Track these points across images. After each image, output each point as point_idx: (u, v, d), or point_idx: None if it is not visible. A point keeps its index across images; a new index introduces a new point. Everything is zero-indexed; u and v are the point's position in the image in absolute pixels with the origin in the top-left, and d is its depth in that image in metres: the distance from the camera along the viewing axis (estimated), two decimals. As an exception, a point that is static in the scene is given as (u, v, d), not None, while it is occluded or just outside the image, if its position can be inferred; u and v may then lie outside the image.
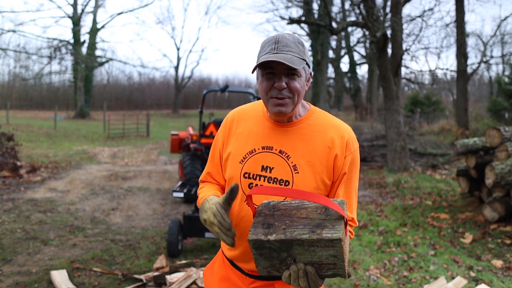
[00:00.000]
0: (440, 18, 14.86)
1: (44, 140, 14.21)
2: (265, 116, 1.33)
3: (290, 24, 9.22)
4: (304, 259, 1.03)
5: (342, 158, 1.26)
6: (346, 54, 28.04)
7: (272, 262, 1.07)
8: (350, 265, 3.81)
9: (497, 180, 4.62)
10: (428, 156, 10.56)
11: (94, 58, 28.34)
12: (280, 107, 1.21)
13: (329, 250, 1.00)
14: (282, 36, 1.21)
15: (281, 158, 1.26)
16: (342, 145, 1.26)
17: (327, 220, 1.03)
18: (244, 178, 1.28)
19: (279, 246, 1.03)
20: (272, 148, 1.28)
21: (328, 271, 1.04)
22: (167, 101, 42.61)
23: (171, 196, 6.41)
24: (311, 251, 1.01)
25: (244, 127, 1.35)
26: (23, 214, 5.24)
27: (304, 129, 1.28)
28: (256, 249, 1.06)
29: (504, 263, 3.82)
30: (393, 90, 8.76)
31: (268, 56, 1.16)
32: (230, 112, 1.42)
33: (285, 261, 1.05)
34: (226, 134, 1.38)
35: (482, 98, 30.71)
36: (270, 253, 1.05)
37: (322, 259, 1.02)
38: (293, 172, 1.24)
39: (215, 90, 6.11)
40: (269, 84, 1.20)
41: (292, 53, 1.18)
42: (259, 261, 1.08)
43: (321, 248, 1.00)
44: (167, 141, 15.78)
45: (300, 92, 1.21)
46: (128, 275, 3.41)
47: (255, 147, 1.29)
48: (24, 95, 35.72)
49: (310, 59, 1.27)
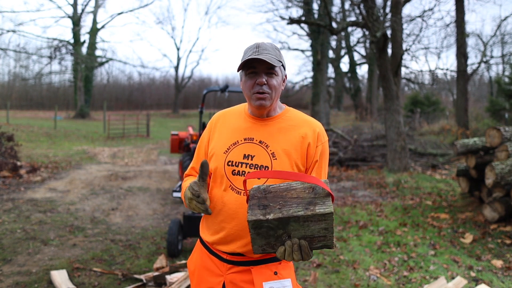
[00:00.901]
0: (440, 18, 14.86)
1: (44, 140, 14.21)
2: (246, 113, 1.52)
3: (290, 24, 9.22)
4: (298, 234, 1.15)
5: (314, 147, 1.45)
6: (346, 54, 28.05)
7: (268, 240, 1.17)
8: (350, 265, 3.81)
9: (497, 180, 4.62)
10: (428, 156, 10.56)
11: (94, 58, 28.34)
12: (261, 101, 1.40)
13: (322, 223, 1.13)
14: (262, 43, 1.44)
15: (261, 147, 1.43)
16: (314, 137, 1.46)
17: (317, 198, 1.17)
18: (228, 166, 1.44)
19: (277, 224, 1.14)
20: (253, 139, 1.45)
21: (319, 243, 1.16)
22: (167, 101, 42.60)
23: (171, 196, 6.41)
24: (305, 226, 1.14)
25: (227, 124, 1.53)
26: (23, 214, 5.24)
27: (281, 123, 1.48)
28: (255, 229, 1.15)
29: (504, 263, 3.82)
30: (393, 90, 8.76)
31: (251, 56, 1.36)
32: (215, 114, 1.61)
33: (281, 238, 1.17)
34: (210, 132, 1.55)
35: (482, 98, 30.70)
36: (268, 232, 1.16)
37: (314, 233, 1.15)
38: (272, 158, 1.41)
39: (215, 90, 6.11)
40: (252, 82, 1.41)
41: (271, 55, 1.39)
42: (256, 240, 1.17)
43: (315, 222, 1.13)
44: (167, 141, 15.78)
45: (277, 88, 1.43)
46: (128, 275, 3.41)
47: (238, 139, 1.47)
48: (24, 95, 35.72)
49: (285, 63, 1.49)
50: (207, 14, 61.56)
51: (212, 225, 1.47)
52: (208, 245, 1.50)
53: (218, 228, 1.44)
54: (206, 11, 58.43)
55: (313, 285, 3.33)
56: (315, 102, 18.74)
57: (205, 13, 58.29)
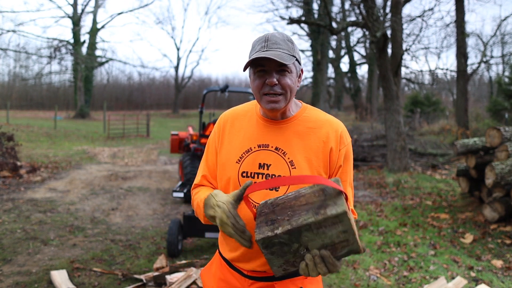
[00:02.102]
0: (440, 18, 14.83)
1: (44, 140, 14.21)
2: (258, 114, 1.34)
3: (290, 24, 9.22)
4: (316, 244, 1.02)
5: (337, 151, 1.28)
6: (346, 54, 28.05)
7: (286, 258, 1.05)
8: (350, 265, 3.81)
9: (497, 180, 4.62)
10: (428, 156, 10.56)
11: (94, 58, 28.34)
12: (273, 104, 1.22)
13: (338, 226, 1.00)
14: (272, 34, 1.23)
15: (277, 155, 1.27)
16: (337, 139, 1.28)
17: (327, 199, 1.03)
18: (242, 177, 1.28)
19: (288, 238, 1.02)
20: (268, 145, 1.29)
21: (343, 249, 1.03)
22: (167, 101, 42.61)
23: (171, 196, 6.41)
24: (320, 233, 1.01)
25: (238, 128, 1.35)
26: (23, 214, 5.23)
27: (298, 125, 1.30)
28: (266, 248, 1.04)
29: (504, 263, 3.82)
30: (393, 90, 8.76)
31: (258, 54, 1.18)
32: (222, 114, 1.42)
33: (298, 252, 1.04)
34: (220, 136, 1.37)
35: (482, 98, 30.72)
36: (281, 248, 1.03)
37: (333, 239, 1.01)
38: (290, 168, 1.25)
39: (215, 90, 6.11)
40: (261, 82, 1.22)
41: (282, 50, 1.19)
42: (272, 261, 1.05)
43: (330, 227, 1.00)
44: (167, 141, 15.78)
45: (292, 88, 1.23)
46: (128, 275, 3.41)
47: (251, 146, 1.30)
48: (24, 95, 35.74)
49: (299, 56, 1.29)
50: (207, 14, 61.80)
51: (230, 241, 1.33)
52: (228, 259, 1.36)
53: (236, 245, 1.29)
54: (206, 11, 58.72)
55: (313, 285, 3.33)
56: (315, 102, 18.74)
57: (205, 13, 58.41)
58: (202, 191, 1.35)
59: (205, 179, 1.40)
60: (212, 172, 1.39)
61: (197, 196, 1.34)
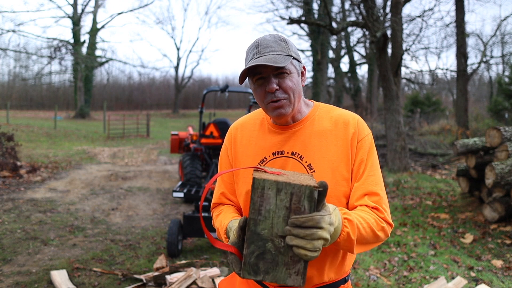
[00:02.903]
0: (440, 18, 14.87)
1: (44, 140, 14.21)
2: (268, 122, 1.28)
3: (290, 24, 9.22)
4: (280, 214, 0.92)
5: (355, 145, 1.19)
6: (346, 54, 28.04)
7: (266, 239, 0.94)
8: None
9: (497, 180, 4.62)
10: (428, 156, 10.56)
11: (94, 58, 28.35)
12: (279, 110, 1.16)
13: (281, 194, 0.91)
14: (262, 38, 1.18)
15: (294, 160, 1.20)
16: (354, 133, 1.20)
17: None
18: None
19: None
20: (283, 152, 1.22)
21: (302, 202, 0.92)
22: (167, 101, 42.64)
23: (171, 196, 6.41)
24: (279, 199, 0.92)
25: (248, 139, 1.29)
26: (23, 214, 5.23)
27: (313, 126, 1.23)
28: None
29: (504, 263, 3.82)
30: (393, 90, 8.76)
31: (251, 62, 1.12)
32: (231, 127, 1.37)
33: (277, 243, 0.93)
34: (232, 149, 1.31)
35: (482, 98, 30.72)
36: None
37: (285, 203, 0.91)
38: (309, 171, 1.18)
39: (215, 90, 6.11)
40: (262, 90, 1.16)
41: (275, 53, 1.13)
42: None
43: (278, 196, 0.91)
44: (167, 141, 15.78)
45: (295, 89, 1.17)
46: (128, 275, 3.41)
47: (265, 155, 1.24)
48: (24, 95, 35.77)
49: (297, 53, 1.22)
50: (207, 14, 61.78)
51: None
52: None
53: None
54: (206, 11, 58.69)
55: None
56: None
57: (205, 13, 58.39)
58: (223, 213, 1.27)
59: (224, 197, 1.33)
60: (229, 188, 1.33)
61: (218, 220, 1.26)
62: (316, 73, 18.94)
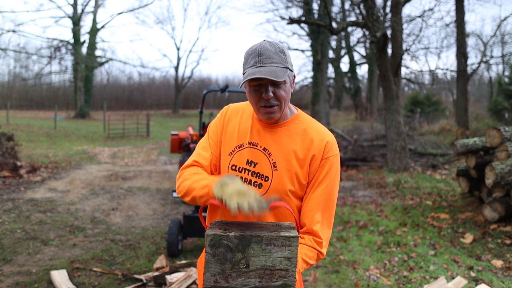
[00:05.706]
0: (440, 18, 14.87)
1: (44, 140, 14.21)
2: (255, 116, 1.42)
3: (290, 24, 9.22)
4: (259, 262, 1.04)
5: (318, 160, 1.32)
6: (346, 54, 28.06)
7: (224, 267, 1.04)
8: (350, 265, 3.81)
9: (497, 180, 4.62)
10: (428, 156, 10.56)
11: (94, 58, 28.33)
12: (270, 115, 1.31)
13: (285, 251, 1.04)
14: (264, 48, 1.27)
15: (264, 155, 1.35)
16: (321, 148, 1.33)
17: (282, 230, 1.10)
18: (232, 170, 1.37)
19: (237, 244, 1.03)
20: (257, 144, 1.37)
21: (279, 279, 1.05)
22: (167, 101, 42.62)
23: (171, 196, 6.41)
24: (267, 251, 1.04)
25: (235, 123, 1.44)
26: (23, 214, 5.23)
27: (288, 131, 1.37)
28: (212, 246, 1.04)
29: (504, 263, 3.82)
30: (393, 90, 8.76)
31: (253, 72, 1.24)
32: (229, 106, 1.51)
33: (238, 266, 1.04)
34: (223, 124, 1.46)
35: (482, 98, 30.72)
36: (225, 254, 1.04)
37: (276, 263, 1.04)
38: (273, 169, 1.33)
39: (215, 90, 6.10)
40: (258, 95, 1.30)
41: (275, 65, 1.25)
42: (210, 265, 1.04)
43: (278, 248, 1.04)
44: (167, 141, 15.78)
45: (286, 98, 1.31)
46: (128, 275, 3.41)
47: (243, 142, 1.39)
48: (24, 95, 35.74)
49: (292, 64, 1.34)
50: (207, 14, 61.67)
51: None
52: None
53: None
54: (206, 11, 58.61)
55: (313, 285, 3.33)
56: (315, 102, 18.74)
57: (205, 13, 58.39)
58: (206, 174, 1.37)
59: (203, 160, 1.42)
60: (214, 157, 1.43)
61: (199, 175, 1.34)
62: (316, 73, 18.94)
